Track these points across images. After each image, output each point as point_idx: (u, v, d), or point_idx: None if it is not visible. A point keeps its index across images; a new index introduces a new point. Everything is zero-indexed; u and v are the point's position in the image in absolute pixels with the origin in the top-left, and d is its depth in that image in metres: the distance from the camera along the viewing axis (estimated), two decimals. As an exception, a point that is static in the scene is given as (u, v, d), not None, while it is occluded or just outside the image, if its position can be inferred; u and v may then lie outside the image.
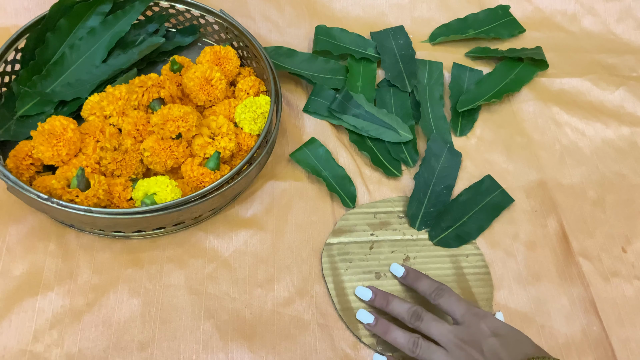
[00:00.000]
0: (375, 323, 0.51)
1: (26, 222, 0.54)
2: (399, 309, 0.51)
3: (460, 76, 0.73)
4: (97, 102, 0.57)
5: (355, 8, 0.79)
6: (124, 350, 0.49)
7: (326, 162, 0.62)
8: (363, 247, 0.58)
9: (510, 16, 0.80)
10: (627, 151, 0.68)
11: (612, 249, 0.60)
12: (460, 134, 0.67)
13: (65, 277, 0.52)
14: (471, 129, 0.68)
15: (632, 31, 0.81)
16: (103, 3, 0.63)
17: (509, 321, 0.55)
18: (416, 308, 0.50)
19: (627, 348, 0.54)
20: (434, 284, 0.52)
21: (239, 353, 0.50)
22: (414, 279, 0.54)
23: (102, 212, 0.48)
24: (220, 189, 0.52)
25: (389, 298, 0.52)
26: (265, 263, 0.55)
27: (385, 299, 0.52)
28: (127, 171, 0.55)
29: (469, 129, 0.68)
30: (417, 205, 0.60)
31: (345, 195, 0.60)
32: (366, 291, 0.53)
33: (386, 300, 0.52)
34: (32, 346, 0.48)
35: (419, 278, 0.53)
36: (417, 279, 0.53)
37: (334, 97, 0.66)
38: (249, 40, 0.63)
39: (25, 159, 0.54)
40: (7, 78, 0.60)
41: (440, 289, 0.51)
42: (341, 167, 0.62)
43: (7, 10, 0.69)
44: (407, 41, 0.75)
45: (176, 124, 0.54)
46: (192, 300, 0.52)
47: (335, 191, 0.60)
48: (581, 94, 0.74)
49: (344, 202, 0.60)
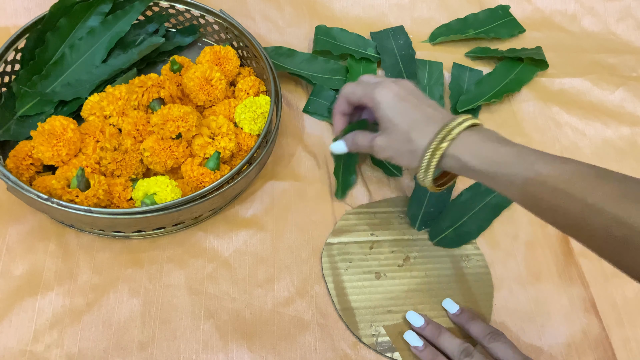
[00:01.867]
0: (423, 348, 0.51)
1: (26, 222, 0.54)
2: (450, 344, 0.50)
3: (460, 76, 0.73)
4: (97, 102, 0.57)
5: (355, 8, 0.79)
6: (124, 350, 0.49)
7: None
8: (363, 247, 0.58)
9: (510, 16, 0.80)
10: (627, 151, 0.68)
11: (612, 249, 0.60)
12: None
13: (65, 277, 0.52)
14: None
15: (632, 31, 0.81)
16: (103, 3, 0.63)
17: (509, 321, 0.55)
18: (467, 346, 0.49)
19: (627, 348, 0.54)
20: (489, 328, 0.51)
21: (239, 353, 0.50)
22: (467, 319, 0.52)
23: (102, 212, 0.48)
24: (220, 189, 0.52)
25: (441, 330, 0.51)
26: (265, 263, 0.55)
27: (437, 330, 0.51)
28: (127, 171, 0.55)
29: None
30: (418, 205, 0.60)
31: (342, 183, 0.60)
32: (418, 318, 0.52)
33: (438, 331, 0.51)
34: (32, 346, 0.48)
35: (473, 319, 0.52)
36: (471, 319, 0.52)
37: (334, 98, 0.66)
38: (248, 40, 0.63)
39: (25, 159, 0.54)
40: (7, 78, 0.60)
41: (496, 333, 0.50)
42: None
43: (7, 10, 0.69)
44: (407, 41, 0.75)
45: (176, 124, 0.54)
46: (192, 300, 0.52)
47: (336, 175, 0.60)
48: (581, 94, 0.74)
49: (337, 190, 0.60)
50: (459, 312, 0.53)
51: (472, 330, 0.51)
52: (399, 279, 0.56)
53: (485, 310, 0.55)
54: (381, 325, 0.53)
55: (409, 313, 0.53)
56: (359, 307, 0.54)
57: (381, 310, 0.54)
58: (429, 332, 0.51)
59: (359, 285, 0.55)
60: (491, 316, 0.55)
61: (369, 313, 0.53)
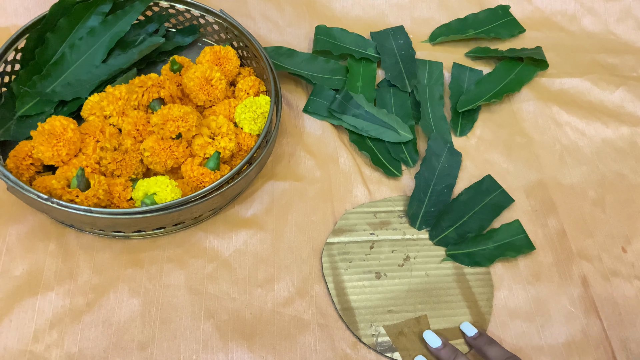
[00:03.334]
0: (442, 347, 0.51)
1: (26, 222, 0.54)
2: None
3: (460, 76, 0.73)
4: (97, 102, 0.57)
5: (355, 8, 0.79)
6: (124, 350, 0.49)
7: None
8: (363, 247, 0.58)
9: (510, 16, 0.80)
10: (627, 151, 0.68)
11: (612, 249, 0.60)
12: (461, 134, 0.67)
13: (65, 277, 0.52)
14: (471, 128, 0.68)
15: (632, 31, 0.81)
16: (103, 3, 0.63)
17: (509, 321, 0.55)
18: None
19: (627, 348, 0.54)
20: (506, 353, 0.50)
21: (239, 353, 0.50)
22: (484, 343, 0.52)
23: (102, 212, 0.48)
24: (220, 189, 0.52)
25: (457, 354, 0.51)
26: (265, 263, 0.55)
27: (453, 353, 0.51)
28: (127, 171, 0.55)
29: (469, 129, 0.68)
30: (418, 204, 0.60)
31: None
32: (435, 339, 0.52)
33: (454, 355, 0.50)
34: (32, 346, 0.48)
35: (491, 343, 0.51)
36: (488, 343, 0.51)
37: (334, 98, 0.66)
38: (248, 40, 0.63)
39: (25, 159, 0.54)
40: (7, 78, 0.60)
41: (514, 358, 0.49)
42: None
43: (7, 10, 0.69)
44: (407, 41, 0.75)
45: (176, 124, 0.54)
46: (192, 300, 0.52)
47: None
48: (581, 94, 0.74)
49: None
50: (477, 335, 0.52)
51: (490, 354, 0.50)
52: (399, 279, 0.56)
53: (485, 310, 0.55)
54: (381, 325, 0.53)
55: (426, 333, 0.52)
56: (359, 307, 0.54)
57: (381, 310, 0.54)
58: (444, 354, 0.51)
59: (359, 285, 0.55)
60: (491, 316, 0.55)
61: (369, 313, 0.53)
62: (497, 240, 0.58)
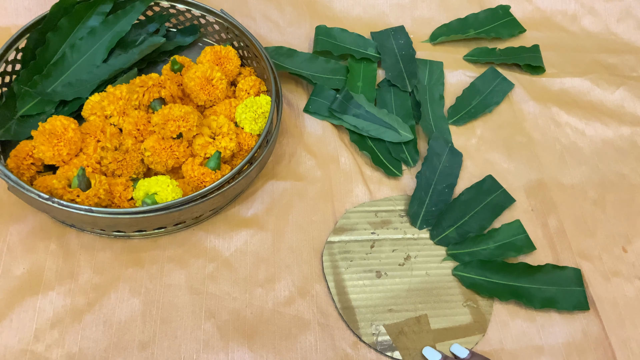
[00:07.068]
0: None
1: (27, 221, 0.55)
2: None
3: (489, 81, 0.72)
4: (98, 102, 0.57)
5: (355, 8, 0.79)
6: (124, 349, 0.49)
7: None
8: (364, 246, 0.58)
9: (510, 16, 0.80)
10: (627, 151, 0.68)
11: (612, 249, 0.60)
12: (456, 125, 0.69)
13: (66, 276, 0.52)
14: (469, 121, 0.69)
15: (632, 31, 0.81)
16: (104, 3, 0.63)
17: (509, 321, 0.55)
18: None
19: (627, 348, 0.54)
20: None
21: (240, 353, 0.50)
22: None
23: (103, 212, 0.48)
24: (221, 188, 0.52)
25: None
26: (266, 263, 0.55)
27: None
28: (128, 171, 0.55)
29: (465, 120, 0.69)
30: (419, 203, 0.60)
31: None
32: (434, 354, 0.52)
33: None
34: (33, 345, 0.48)
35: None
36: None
37: (335, 97, 0.66)
38: (249, 40, 0.63)
39: (26, 159, 0.54)
40: (7, 78, 0.60)
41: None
42: None
43: (7, 10, 0.69)
44: (407, 41, 0.75)
45: (177, 124, 0.54)
46: (192, 300, 0.52)
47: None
48: (581, 94, 0.74)
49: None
50: (470, 356, 0.52)
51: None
52: (400, 278, 0.56)
53: (485, 310, 0.55)
54: (382, 324, 0.53)
55: (426, 349, 0.52)
56: (359, 306, 0.54)
57: (382, 309, 0.54)
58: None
59: (359, 284, 0.55)
60: (491, 316, 0.55)
61: (369, 312, 0.54)
62: (497, 240, 0.58)
